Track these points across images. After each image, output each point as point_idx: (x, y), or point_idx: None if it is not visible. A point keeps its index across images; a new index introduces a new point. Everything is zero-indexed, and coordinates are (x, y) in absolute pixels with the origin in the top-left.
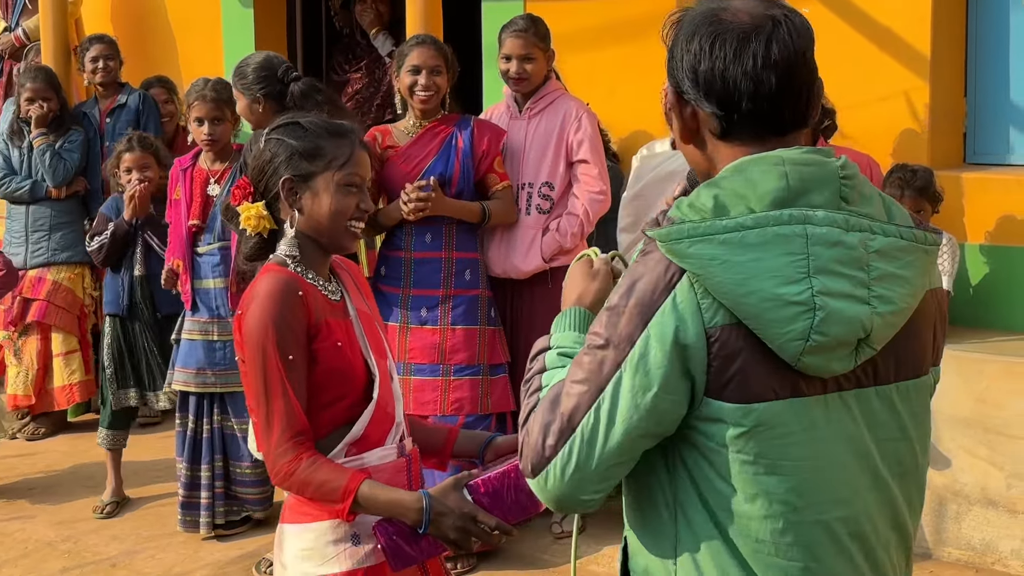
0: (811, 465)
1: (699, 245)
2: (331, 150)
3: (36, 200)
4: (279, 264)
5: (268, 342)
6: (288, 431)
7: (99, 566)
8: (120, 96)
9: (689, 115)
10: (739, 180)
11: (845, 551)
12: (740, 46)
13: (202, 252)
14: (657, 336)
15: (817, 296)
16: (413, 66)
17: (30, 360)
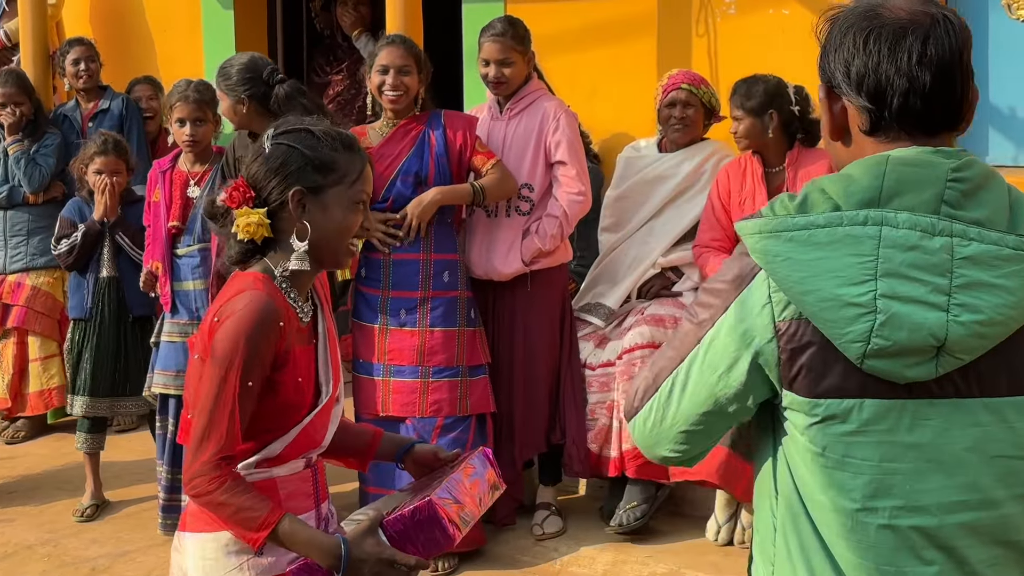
0: (885, 468)
1: (768, 241)
2: (344, 164)
3: (13, 205)
4: (265, 275)
5: (234, 363)
6: (221, 452)
7: (79, 569)
8: (103, 101)
9: (839, 110)
10: (841, 178)
11: (926, 560)
12: (896, 42)
13: (182, 254)
14: (729, 322)
15: (880, 299)
16: (382, 66)
17: (6, 365)
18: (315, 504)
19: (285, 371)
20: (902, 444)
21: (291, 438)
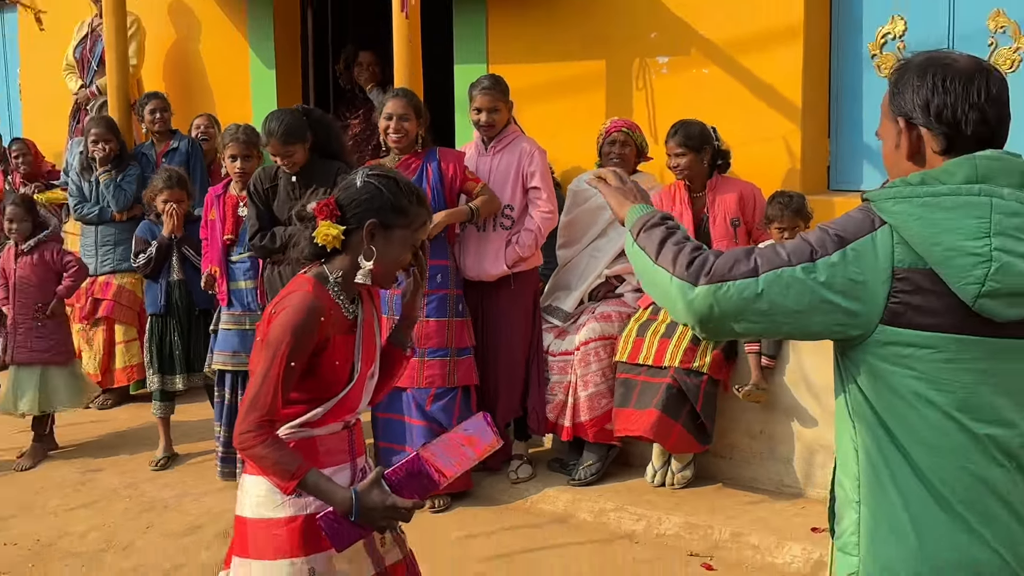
0: (969, 389)
1: (901, 204)
2: (413, 214)
3: (103, 221)
4: (319, 281)
5: (283, 346)
6: (266, 416)
7: (154, 507)
8: (173, 142)
9: (915, 137)
10: (943, 170)
11: (996, 462)
12: (967, 82)
13: (235, 260)
14: (853, 255)
15: (995, 251)
16: (387, 113)
17: (97, 347)
18: (351, 459)
19: (324, 355)
20: (985, 371)
21: (330, 407)
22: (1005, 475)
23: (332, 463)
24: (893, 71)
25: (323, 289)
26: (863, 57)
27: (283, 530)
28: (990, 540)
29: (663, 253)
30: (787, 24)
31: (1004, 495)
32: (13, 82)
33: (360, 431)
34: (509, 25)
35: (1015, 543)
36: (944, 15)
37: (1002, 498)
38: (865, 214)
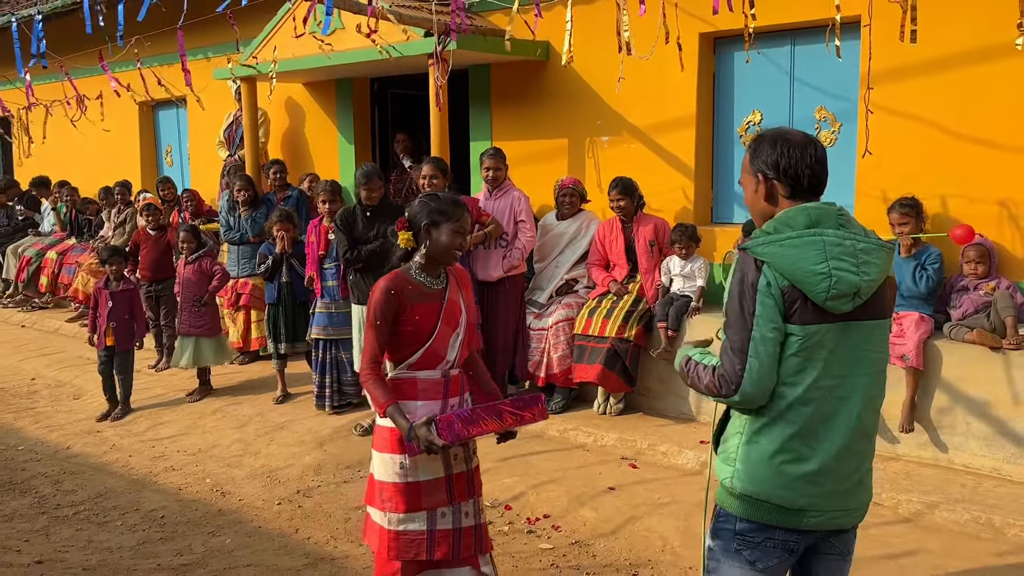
0: (826, 361)
1: (770, 247)
2: (451, 211)
3: (242, 243)
4: (401, 271)
5: (370, 313)
6: (370, 360)
7: (275, 428)
8: (288, 192)
9: (770, 186)
10: (787, 217)
11: (832, 406)
12: (803, 150)
13: (326, 267)
14: (763, 292)
15: (832, 270)
16: (424, 174)
17: (240, 324)
18: (443, 398)
19: (403, 317)
20: (840, 345)
21: (420, 354)
22: (840, 410)
23: (427, 399)
24: (752, 141)
25: (401, 275)
26: (734, 136)
27: (387, 433)
28: (820, 454)
29: (704, 386)
30: (684, 115)
31: (836, 426)
32: (185, 152)
33: (457, 381)
34: (506, 116)
35: (837, 454)
36: (786, 109)
37: (834, 428)
38: (748, 261)
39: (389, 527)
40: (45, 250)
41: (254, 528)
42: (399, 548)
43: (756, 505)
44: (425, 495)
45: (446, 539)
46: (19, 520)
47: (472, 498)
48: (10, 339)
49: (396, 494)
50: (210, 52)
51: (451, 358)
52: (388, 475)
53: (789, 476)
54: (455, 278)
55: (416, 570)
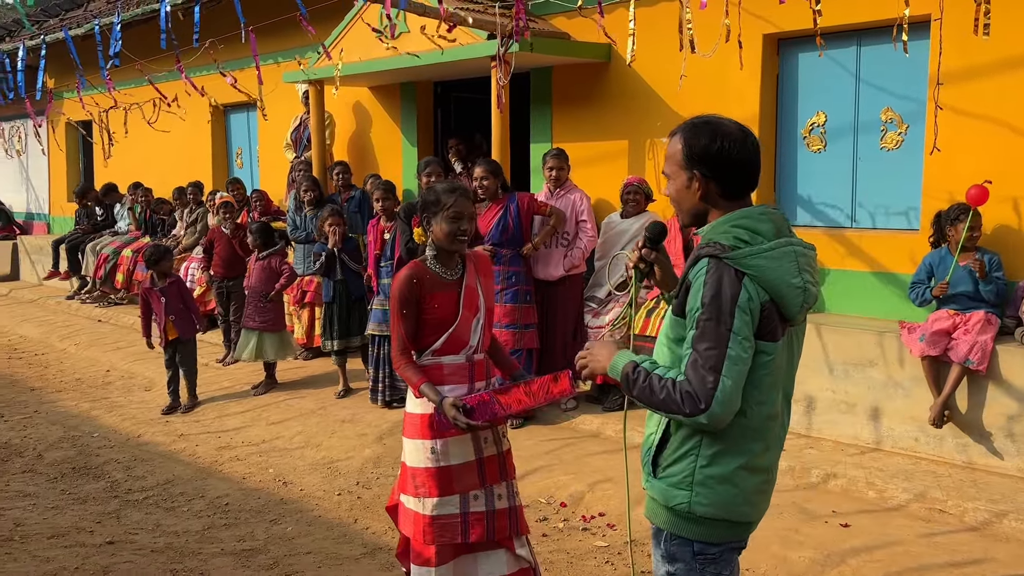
0: (779, 365)
1: (756, 259)
2: (443, 199)
3: (308, 241)
4: (419, 261)
5: (394, 302)
6: (400, 348)
7: (335, 420)
8: (352, 192)
9: (704, 182)
10: (748, 223)
11: (774, 418)
12: (742, 144)
13: (382, 266)
14: (743, 307)
15: (805, 283)
16: (475, 176)
17: (304, 321)
18: (468, 382)
19: (425, 305)
20: (784, 352)
21: (443, 340)
22: (784, 411)
23: (453, 382)
24: (685, 131)
25: (420, 265)
26: (797, 138)
27: (418, 420)
28: (770, 462)
29: (659, 401)
30: (747, 116)
31: (780, 432)
32: (255, 154)
33: (482, 365)
34: (567, 117)
35: (777, 457)
36: (851, 110)
37: (780, 435)
38: (727, 273)
39: (424, 512)
40: (121, 248)
41: (314, 517)
42: (435, 532)
43: (715, 526)
44: (457, 479)
45: (480, 522)
46: (92, 503)
47: (505, 481)
48: (88, 333)
49: (429, 479)
50: (279, 57)
51: (474, 343)
52: (420, 461)
53: (749, 491)
54: (474, 265)
55: (452, 554)
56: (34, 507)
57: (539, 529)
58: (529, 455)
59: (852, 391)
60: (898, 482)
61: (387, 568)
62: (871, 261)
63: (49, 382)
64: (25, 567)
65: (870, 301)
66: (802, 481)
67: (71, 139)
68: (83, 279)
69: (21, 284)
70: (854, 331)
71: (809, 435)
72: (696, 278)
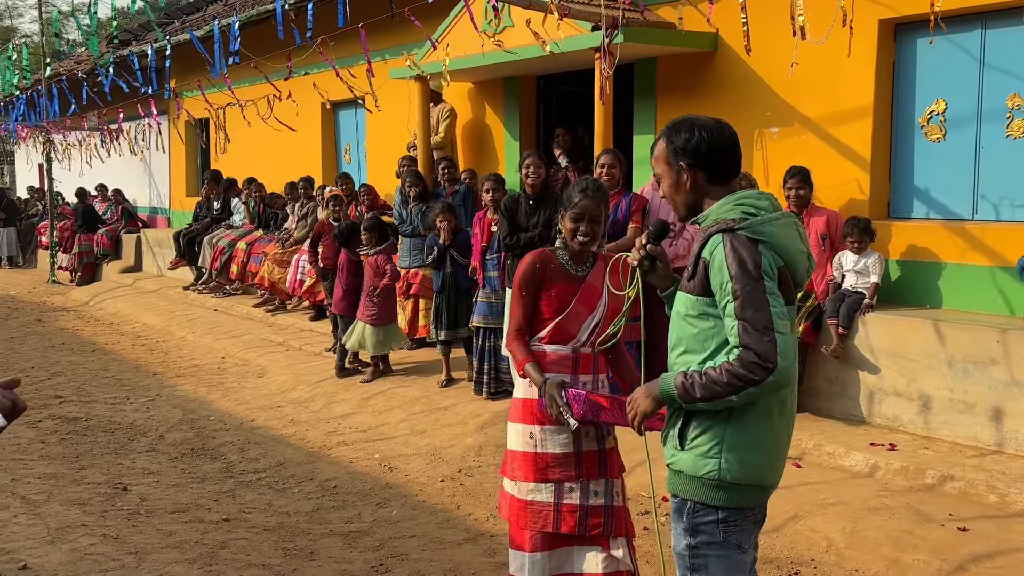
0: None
1: (768, 227)
2: (573, 198)
3: (414, 235)
4: (549, 249)
5: (516, 284)
6: (515, 328)
7: (439, 409)
8: (456, 186)
9: (693, 173)
10: (749, 201)
11: (792, 383)
12: (719, 134)
13: (488, 259)
14: (769, 272)
15: (807, 251)
16: (601, 163)
17: (408, 312)
18: (572, 373)
19: (544, 292)
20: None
21: (550, 328)
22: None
23: (555, 371)
24: (665, 132)
25: (548, 253)
26: (915, 127)
27: (520, 404)
28: (788, 427)
29: (727, 385)
30: (862, 104)
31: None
32: (362, 150)
33: (589, 359)
34: (672, 109)
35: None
36: (974, 97)
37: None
38: (744, 243)
39: (519, 496)
40: (236, 241)
41: (418, 502)
42: (528, 517)
43: (743, 491)
44: (552, 467)
45: (573, 514)
46: (210, 482)
47: (605, 478)
48: (205, 322)
49: (525, 463)
50: (387, 54)
51: (582, 338)
52: (519, 444)
53: (774, 455)
54: (605, 264)
55: (548, 544)
56: (157, 484)
57: (640, 523)
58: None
59: (972, 390)
60: (1022, 486)
61: (489, 554)
62: (993, 255)
63: (169, 367)
64: (150, 539)
65: (992, 296)
66: (916, 482)
67: (190, 137)
68: (200, 270)
69: (144, 275)
70: (974, 327)
71: (926, 435)
72: (713, 255)
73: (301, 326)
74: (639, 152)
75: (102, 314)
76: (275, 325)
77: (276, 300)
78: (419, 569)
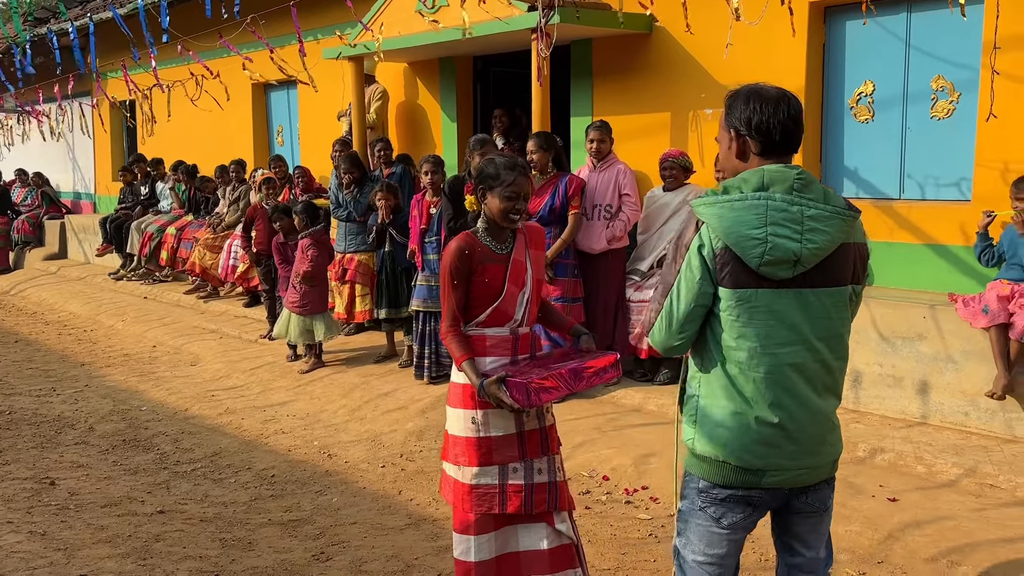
0: (768, 325)
1: (708, 208)
2: (504, 175)
3: (349, 219)
4: (471, 232)
5: (445, 273)
6: (450, 319)
7: (379, 394)
8: (393, 168)
9: (742, 142)
10: (741, 178)
11: (788, 374)
12: (775, 106)
13: (427, 241)
14: (694, 252)
15: (769, 236)
16: (527, 149)
17: (345, 298)
18: (511, 355)
19: (475, 276)
20: (778, 311)
21: (488, 313)
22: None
23: (496, 354)
24: (728, 97)
25: (471, 236)
26: (844, 108)
27: (460, 389)
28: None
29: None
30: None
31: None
32: (295, 132)
33: (527, 339)
34: (608, 90)
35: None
36: (900, 79)
37: (791, 392)
38: (691, 221)
39: (464, 481)
40: (165, 226)
41: (359, 489)
42: (474, 501)
43: (716, 466)
44: (497, 450)
45: (518, 494)
46: (143, 474)
47: (547, 455)
48: (134, 310)
49: (469, 448)
50: (319, 34)
51: (519, 316)
52: (462, 430)
53: (746, 439)
54: (524, 236)
55: (493, 525)
56: (87, 477)
57: (582, 502)
58: (571, 429)
59: (900, 365)
60: (948, 457)
61: (432, 538)
62: (920, 233)
63: (98, 357)
64: (80, 535)
65: (919, 273)
66: (848, 455)
67: (115, 120)
68: (128, 257)
69: (69, 262)
70: (902, 304)
71: (855, 409)
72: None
73: (235, 313)
74: (576, 134)
75: (25, 303)
76: (208, 312)
77: (208, 286)
78: (361, 556)
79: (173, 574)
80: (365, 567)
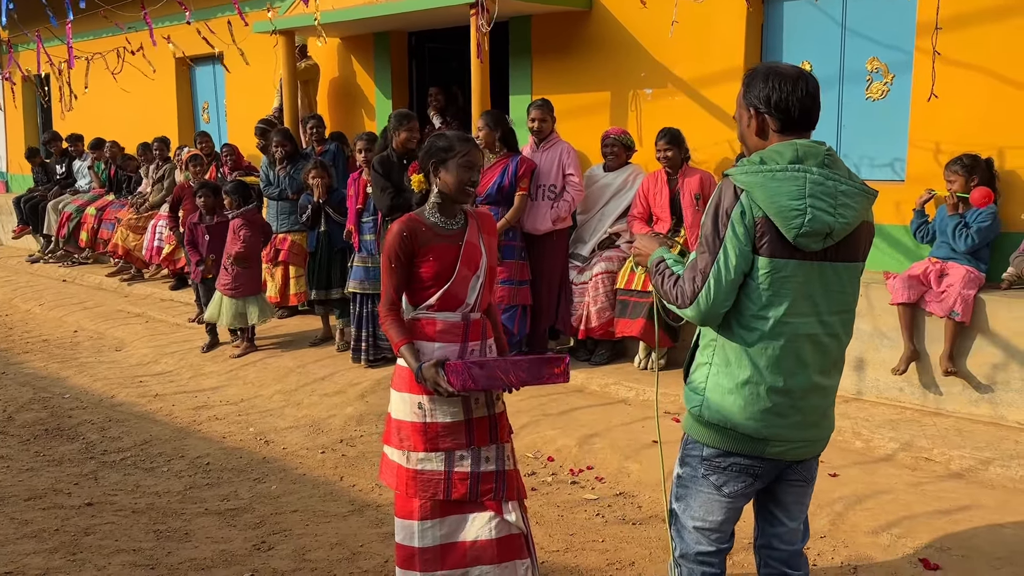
0: (793, 297)
1: (749, 176)
2: (458, 146)
3: (282, 198)
4: (416, 213)
5: (385, 255)
6: (387, 303)
7: (315, 379)
8: (326, 146)
9: (761, 120)
10: (775, 150)
11: (803, 346)
12: (794, 84)
13: (364, 221)
14: (737, 219)
15: (809, 208)
16: (475, 126)
17: (277, 279)
18: (461, 342)
19: (419, 260)
20: (805, 283)
21: (439, 296)
22: (808, 346)
23: (445, 340)
24: (746, 75)
25: (415, 218)
26: None
27: (406, 373)
28: (787, 387)
29: (665, 290)
30: (732, 66)
31: (804, 361)
32: (222, 108)
33: (478, 325)
34: (547, 69)
35: (803, 389)
36: (836, 60)
37: (802, 363)
38: (728, 188)
39: (407, 465)
40: (84, 206)
41: (299, 475)
42: (417, 486)
43: (723, 433)
44: (443, 436)
45: (464, 481)
46: (68, 464)
47: (495, 444)
48: (53, 293)
49: (414, 433)
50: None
51: (471, 301)
52: (406, 414)
53: (756, 408)
54: (476, 221)
55: (439, 512)
56: (7, 469)
57: (528, 484)
58: (515, 410)
59: None
60: (884, 432)
61: (376, 524)
62: None
63: (15, 343)
64: (4, 530)
65: None
66: None
67: (28, 94)
68: (46, 238)
69: None
70: None
71: None
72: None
73: (161, 296)
74: (515, 112)
75: None
76: (132, 295)
77: (132, 269)
78: (304, 544)
79: (105, 568)
80: (309, 555)
